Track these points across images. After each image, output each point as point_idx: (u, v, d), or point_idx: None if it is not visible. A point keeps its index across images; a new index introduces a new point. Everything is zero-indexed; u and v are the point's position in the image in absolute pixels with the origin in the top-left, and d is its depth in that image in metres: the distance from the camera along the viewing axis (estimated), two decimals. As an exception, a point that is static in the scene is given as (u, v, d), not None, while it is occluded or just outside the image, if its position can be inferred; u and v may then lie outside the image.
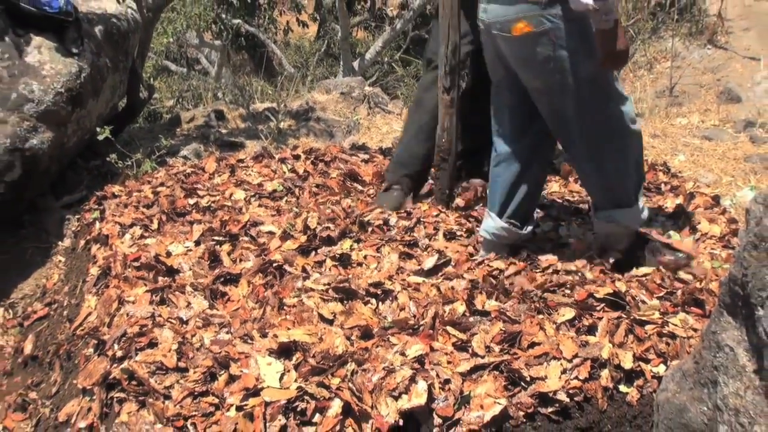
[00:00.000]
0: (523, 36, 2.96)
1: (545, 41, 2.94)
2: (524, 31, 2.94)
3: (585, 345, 2.77)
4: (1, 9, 4.42)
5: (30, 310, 4.00)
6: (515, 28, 2.96)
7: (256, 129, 5.43)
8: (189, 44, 13.49)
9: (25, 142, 4.25)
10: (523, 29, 2.94)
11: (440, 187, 3.92)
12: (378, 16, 16.13)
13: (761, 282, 2.01)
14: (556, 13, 2.86)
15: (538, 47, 2.97)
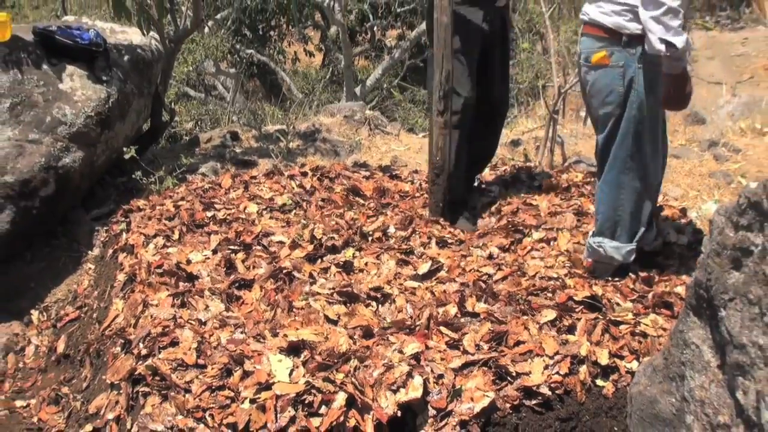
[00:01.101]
0: (599, 66, 3.03)
1: (616, 74, 3.00)
2: (602, 62, 3.02)
3: (565, 343, 2.79)
4: (38, 41, 4.44)
5: (63, 312, 4.00)
6: (595, 57, 3.03)
7: (267, 148, 5.43)
8: (206, 72, 13.50)
9: (58, 161, 4.26)
10: (601, 60, 3.02)
11: (434, 200, 3.93)
12: (377, 47, 16.14)
13: (723, 286, 2.02)
14: (633, 53, 2.94)
15: (607, 78, 3.03)
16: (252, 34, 14.58)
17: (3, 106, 4.16)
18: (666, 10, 2.71)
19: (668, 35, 2.72)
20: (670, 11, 2.71)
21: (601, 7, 2.99)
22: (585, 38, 3.13)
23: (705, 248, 2.15)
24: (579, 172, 4.75)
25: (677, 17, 2.73)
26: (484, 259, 3.52)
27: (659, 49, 2.74)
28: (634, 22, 2.90)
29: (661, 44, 2.74)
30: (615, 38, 2.96)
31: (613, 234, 3.26)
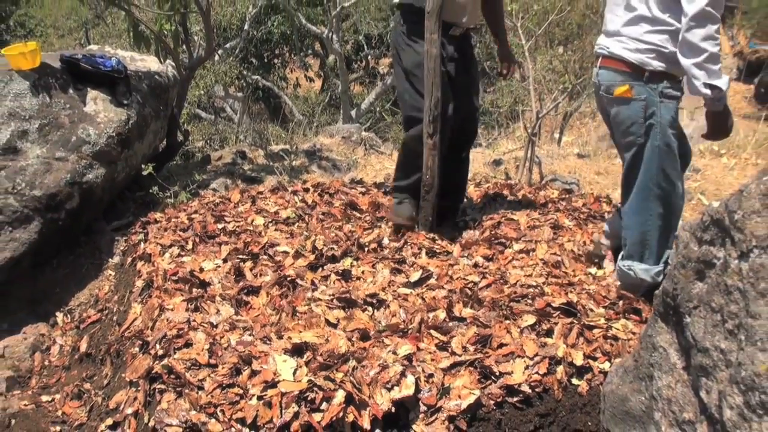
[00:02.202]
0: (622, 98, 3.00)
1: (638, 107, 2.97)
2: (624, 95, 2.98)
3: (544, 345, 2.78)
4: (65, 68, 4.44)
5: (85, 315, 3.98)
6: (618, 91, 3.00)
7: (272, 166, 5.44)
8: (216, 96, 13.52)
9: (82, 177, 4.26)
10: (624, 93, 2.98)
11: (424, 215, 3.92)
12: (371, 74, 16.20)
13: (688, 295, 2.02)
14: (654, 87, 2.91)
15: (631, 110, 2.99)
16: (258, 61, 14.63)
17: (33, 127, 4.16)
18: (708, 56, 2.67)
19: (712, 79, 2.69)
20: (711, 57, 2.67)
21: (624, 43, 2.96)
22: (605, 71, 3.08)
23: (672, 261, 2.16)
24: (555, 189, 4.77)
25: (718, 61, 2.69)
26: (469, 268, 3.51)
27: (705, 93, 2.70)
28: (657, 60, 2.88)
29: (706, 89, 2.71)
30: (637, 73, 2.93)
31: (642, 257, 3.19)
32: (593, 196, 4.59)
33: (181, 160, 6.15)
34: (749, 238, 1.81)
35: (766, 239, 1.77)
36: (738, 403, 1.73)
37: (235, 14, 12.55)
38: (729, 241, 1.89)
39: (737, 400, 1.74)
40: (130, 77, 4.76)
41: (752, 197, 1.84)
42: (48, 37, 17.17)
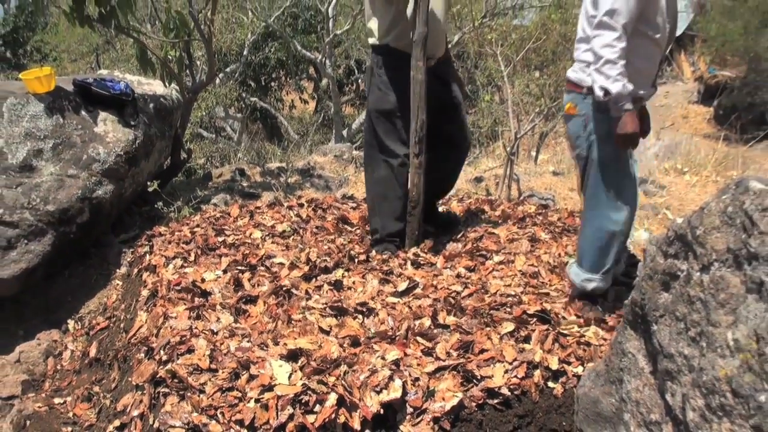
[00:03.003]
0: (569, 115, 3.00)
1: (580, 122, 2.95)
2: (570, 112, 2.99)
3: (522, 351, 2.79)
4: (77, 91, 4.44)
5: (95, 322, 3.96)
6: (566, 108, 3.02)
7: (269, 183, 5.43)
8: (217, 116, 13.51)
9: (92, 193, 4.24)
10: (569, 110, 2.99)
11: (410, 230, 3.92)
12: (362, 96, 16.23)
13: (655, 304, 2.03)
14: (591, 102, 2.88)
15: (574, 125, 2.99)
16: (256, 84, 14.63)
17: (47, 146, 4.14)
18: (604, 62, 2.67)
19: (607, 83, 2.68)
20: (607, 63, 2.67)
21: (573, 66, 2.99)
22: (565, 93, 3.09)
23: (639, 273, 2.17)
24: (532, 204, 4.78)
25: (614, 67, 2.67)
26: (453, 279, 3.51)
27: (599, 95, 2.70)
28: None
29: (601, 91, 2.71)
30: (578, 91, 2.92)
31: (580, 262, 3.17)
32: (567, 211, 4.60)
33: (184, 177, 6.14)
34: (710, 252, 1.83)
35: (725, 253, 1.79)
36: (700, 406, 1.74)
37: (234, 41, 12.56)
38: (692, 255, 1.90)
39: (699, 402, 1.75)
40: (138, 100, 4.75)
41: (712, 214, 1.86)
42: (62, 61, 17.13)
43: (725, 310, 1.74)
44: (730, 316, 1.72)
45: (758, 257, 1.67)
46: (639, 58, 2.79)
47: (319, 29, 13.46)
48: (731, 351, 1.68)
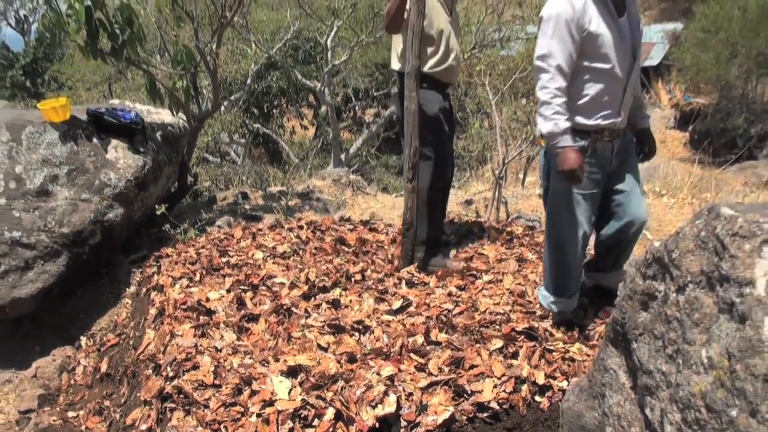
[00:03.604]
0: (542, 146, 3.04)
1: (543, 154, 3.01)
2: (540, 143, 3.05)
3: (510, 366, 2.79)
4: (90, 120, 4.45)
5: (106, 339, 3.95)
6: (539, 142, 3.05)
7: (271, 206, 5.42)
8: (222, 141, 13.53)
9: (104, 216, 4.24)
10: (539, 141, 3.04)
11: (405, 249, 3.93)
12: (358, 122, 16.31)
13: (634, 323, 2.04)
14: None
15: (542, 157, 3.04)
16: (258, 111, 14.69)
17: (62, 172, 4.16)
18: (540, 102, 2.71)
19: (540, 123, 2.71)
20: (543, 103, 2.70)
21: None
22: None
23: (620, 293, 2.17)
24: (519, 226, 4.79)
25: (548, 107, 2.67)
26: (444, 297, 3.51)
27: (538, 131, 2.75)
28: None
29: (537, 131, 2.77)
30: None
31: (546, 285, 3.20)
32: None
33: (190, 199, 6.14)
34: (685, 274, 1.84)
35: (699, 275, 1.80)
36: (677, 420, 1.74)
37: (239, 70, 12.62)
38: (668, 277, 1.91)
39: (676, 417, 1.75)
40: (147, 128, 4.77)
41: (687, 238, 1.87)
42: (77, 89, 17.17)
43: (699, 329, 1.75)
44: (704, 335, 1.73)
45: (729, 279, 1.68)
46: (592, 90, 2.79)
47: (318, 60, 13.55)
48: (705, 368, 1.68)
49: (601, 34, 2.70)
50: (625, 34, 2.77)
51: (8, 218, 3.99)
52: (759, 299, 1.57)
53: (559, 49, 2.67)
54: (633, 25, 2.81)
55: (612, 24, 2.72)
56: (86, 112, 4.51)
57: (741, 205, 1.87)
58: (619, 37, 2.74)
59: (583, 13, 2.68)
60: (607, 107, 2.82)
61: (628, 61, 2.80)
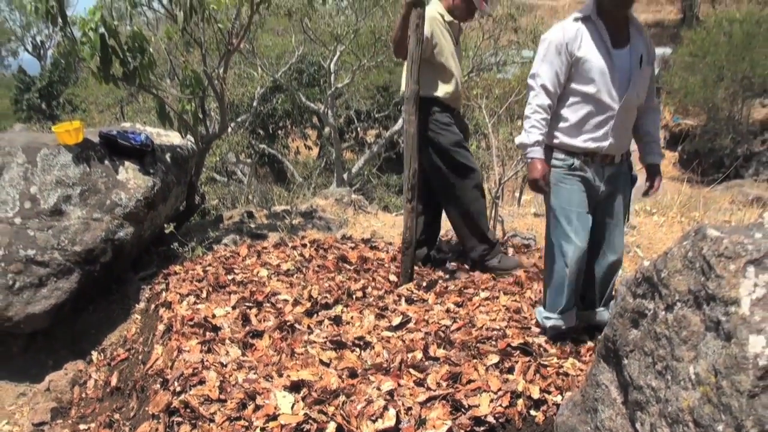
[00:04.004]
0: None
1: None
2: None
3: (506, 381, 2.78)
4: (102, 142, 4.48)
5: (116, 353, 3.94)
6: None
7: (275, 224, 5.43)
8: (229, 161, 13.57)
9: (114, 235, 4.26)
10: None
11: (405, 267, 3.93)
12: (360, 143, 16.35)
13: (625, 340, 2.04)
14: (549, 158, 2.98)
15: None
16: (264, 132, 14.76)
17: (75, 192, 4.19)
18: (524, 117, 2.86)
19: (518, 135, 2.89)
20: (525, 117, 2.86)
21: None
22: None
23: (612, 311, 2.18)
24: (515, 243, 4.80)
25: (528, 120, 2.84)
26: (443, 313, 3.50)
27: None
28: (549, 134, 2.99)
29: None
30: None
31: (542, 301, 3.22)
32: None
33: (198, 218, 6.15)
34: (673, 293, 1.85)
35: (686, 294, 1.80)
36: (667, 435, 1.74)
37: (245, 93, 12.69)
38: (657, 296, 1.92)
39: (665, 431, 1.75)
40: (156, 150, 4.79)
41: (675, 259, 1.88)
42: (90, 112, 17.26)
43: (687, 346, 1.76)
44: (691, 352, 1.73)
45: (715, 298, 1.68)
46: (580, 113, 2.86)
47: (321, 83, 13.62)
48: (693, 384, 1.68)
49: (588, 61, 2.78)
50: (620, 65, 2.81)
51: (23, 237, 4.02)
52: (744, 318, 1.58)
53: (546, 70, 2.82)
54: (634, 58, 2.83)
55: (604, 52, 2.79)
56: (98, 134, 4.54)
57: (726, 226, 1.88)
58: (611, 65, 2.79)
59: (574, 40, 2.79)
60: (595, 131, 2.86)
61: (620, 90, 2.83)
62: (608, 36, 2.79)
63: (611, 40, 2.80)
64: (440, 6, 4.01)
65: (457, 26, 4.07)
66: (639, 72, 2.84)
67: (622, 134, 2.92)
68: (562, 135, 2.90)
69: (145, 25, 10.65)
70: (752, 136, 18.18)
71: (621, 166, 3.00)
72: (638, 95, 2.90)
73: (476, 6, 3.98)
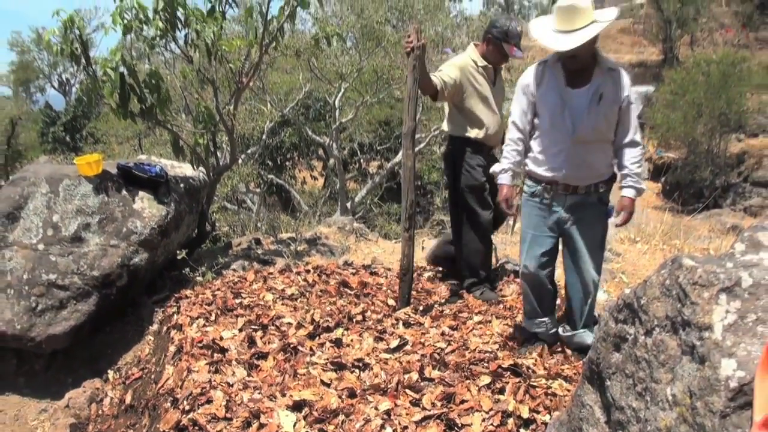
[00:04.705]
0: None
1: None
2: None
3: (497, 401, 2.76)
4: (120, 173, 4.52)
5: (130, 372, 3.93)
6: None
7: (281, 251, 5.44)
8: (239, 191, 13.62)
9: (130, 260, 4.27)
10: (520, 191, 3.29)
11: (402, 292, 3.92)
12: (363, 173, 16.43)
13: (608, 363, 2.04)
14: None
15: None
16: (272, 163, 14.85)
17: (94, 221, 4.22)
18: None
19: None
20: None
21: None
22: None
23: (595, 335, 2.18)
24: (508, 270, 4.79)
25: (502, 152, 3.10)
26: (438, 336, 3.49)
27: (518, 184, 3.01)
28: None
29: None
30: None
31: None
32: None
33: (210, 244, 6.16)
34: (652, 318, 1.85)
35: (664, 320, 1.81)
36: (647, 455, 1.73)
37: (255, 127, 12.79)
38: (637, 321, 1.92)
39: (646, 451, 1.74)
40: (170, 181, 4.82)
41: (654, 286, 1.89)
42: (110, 144, 17.41)
43: (665, 369, 1.76)
44: (669, 374, 1.73)
45: (690, 324, 1.69)
46: (541, 145, 3.02)
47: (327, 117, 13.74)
48: (670, 405, 1.68)
49: (544, 99, 2.96)
50: (575, 103, 2.89)
51: (46, 262, 4.05)
52: (716, 342, 1.59)
53: (515, 108, 3.06)
54: (593, 97, 2.88)
55: (558, 92, 2.92)
56: (116, 166, 4.58)
57: (701, 256, 1.90)
58: (563, 104, 2.89)
59: (535, 81, 2.98)
60: (552, 161, 2.98)
61: (573, 126, 2.90)
62: (564, 77, 2.90)
63: (570, 81, 2.91)
64: (474, 52, 4.07)
65: (491, 69, 4.08)
66: (597, 109, 2.88)
67: (580, 166, 2.96)
68: (531, 163, 3.08)
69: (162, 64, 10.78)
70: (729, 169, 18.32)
71: (587, 196, 3.02)
72: (596, 131, 2.92)
73: (507, 53, 4.01)
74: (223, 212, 12.00)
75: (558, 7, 2.77)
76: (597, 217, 3.07)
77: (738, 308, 1.61)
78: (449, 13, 13.91)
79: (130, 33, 4.50)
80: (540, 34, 2.85)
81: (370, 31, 11.67)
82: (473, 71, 4.00)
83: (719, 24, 33.36)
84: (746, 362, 1.52)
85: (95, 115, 20.99)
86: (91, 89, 4.63)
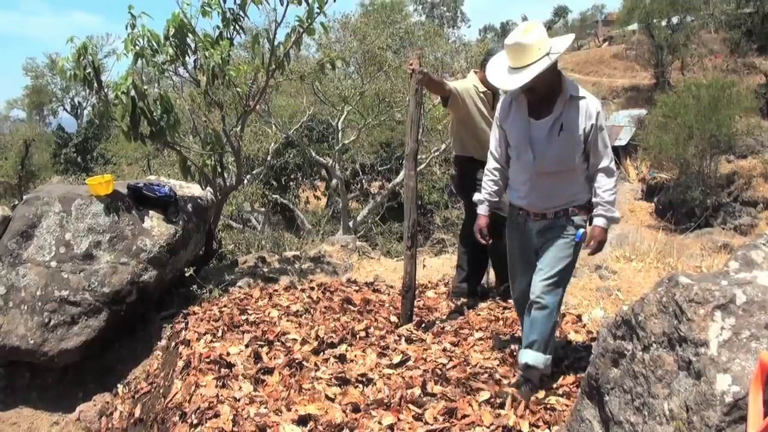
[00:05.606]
0: None
1: None
2: None
3: (498, 416, 2.75)
4: (130, 193, 4.54)
5: (139, 387, 3.91)
6: None
7: (286, 269, 5.43)
8: (244, 210, 13.66)
9: (139, 277, 4.27)
10: None
11: (404, 309, 3.92)
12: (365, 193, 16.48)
13: (606, 378, 2.04)
14: None
15: None
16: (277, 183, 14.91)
17: (105, 239, 4.23)
18: None
19: None
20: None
21: None
22: None
23: (594, 351, 2.18)
24: (506, 287, 4.77)
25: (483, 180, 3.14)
26: (440, 352, 3.47)
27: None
28: None
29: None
30: None
31: None
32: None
33: (216, 262, 6.15)
34: (649, 335, 1.85)
35: (661, 336, 1.81)
36: (646, 468, 1.72)
37: (260, 148, 12.87)
38: (635, 337, 1.93)
39: (645, 465, 1.73)
40: (179, 201, 4.83)
41: (651, 303, 1.89)
42: (120, 165, 17.49)
43: (662, 384, 1.76)
44: (666, 389, 1.73)
45: (687, 340, 1.69)
46: (512, 173, 3.07)
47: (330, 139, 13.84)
48: (667, 419, 1.68)
49: (510, 131, 2.98)
50: (536, 134, 2.85)
51: (58, 279, 4.06)
52: (712, 358, 1.59)
53: (491, 139, 3.12)
54: (553, 128, 2.81)
55: (522, 123, 2.91)
56: (126, 186, 4.60)
57: (696, 274, 1.90)
58: (526, 134, 2.88)
59: (507, 114, 2.99)
60: (520, 189, 3.00)
61: (534, 155, 2.85)
62: (528, 109, 2.89)
63: (533, 112, 2.87)
64: (475, 78, 4.15)
65: (491, 95, 4.10)
66: (557, 139, 2.80)
67: (545, 194, 2.89)
68: (509, 191, 3.12)
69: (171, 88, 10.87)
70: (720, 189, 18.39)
71: (555, 221, 2.92)
72: (559, 161, 2.83)
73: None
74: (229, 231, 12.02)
75: (506, 45, 2.71)
76: (562, 235, 2.91)
77: (733, 325, 1.62)
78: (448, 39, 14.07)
79: (142, 59, 4.55)
80: (492, 73, 2.83)
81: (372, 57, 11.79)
82: (474, 94, 4.06)
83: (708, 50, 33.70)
84: (741, 377, 1.53)
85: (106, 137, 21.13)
86: (103, 112, 4.67)
